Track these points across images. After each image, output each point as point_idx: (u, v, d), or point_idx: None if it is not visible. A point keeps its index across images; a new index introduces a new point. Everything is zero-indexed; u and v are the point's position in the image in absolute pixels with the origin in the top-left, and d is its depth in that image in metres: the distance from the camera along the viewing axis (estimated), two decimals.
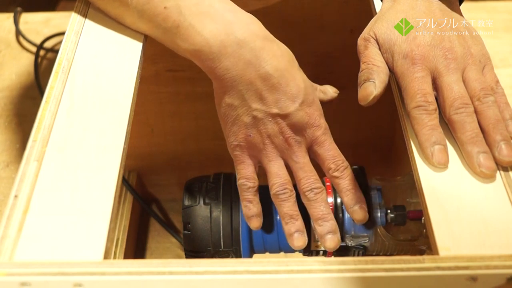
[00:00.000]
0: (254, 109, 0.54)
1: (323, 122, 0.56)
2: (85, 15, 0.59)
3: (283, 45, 0.55)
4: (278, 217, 0.59)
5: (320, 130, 0.55)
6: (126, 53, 0.55)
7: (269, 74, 0.52)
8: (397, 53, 0.53)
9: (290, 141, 0.55)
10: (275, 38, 0.55)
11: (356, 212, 0.56)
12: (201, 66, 0.54)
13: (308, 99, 0.54)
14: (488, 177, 0.47)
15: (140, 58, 0.55)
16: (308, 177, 0.56)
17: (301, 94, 0.54)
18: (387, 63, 0.54)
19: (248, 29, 0.53)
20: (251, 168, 0.57)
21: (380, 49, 0.55)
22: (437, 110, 0.50)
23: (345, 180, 0.56)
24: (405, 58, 0.52)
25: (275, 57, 0.53)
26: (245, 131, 0.55)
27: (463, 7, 0.59)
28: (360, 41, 0.56)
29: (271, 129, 0.54)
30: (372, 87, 0.52)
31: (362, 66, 0.54)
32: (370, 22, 0.57)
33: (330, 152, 0.56)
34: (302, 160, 0.56)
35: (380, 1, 0.60)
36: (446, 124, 0.51)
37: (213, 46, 0.52)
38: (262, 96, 0.53)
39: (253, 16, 0.55)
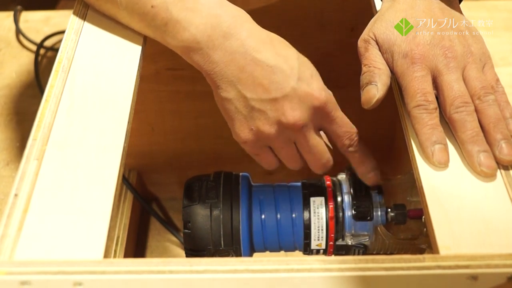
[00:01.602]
0: (250, 99, 0.52)
1: (325, 96, 0.53)
2: (85, 14, 0.59)
3: (272, 33, 0.54)
4: (279, 216, 0.59)
5: (326, 106, 0.53)
6: (126, 52, 0.55)
7: (257, 60, 0.51)
8: (396, 52, 0.53)
9: (295, 125, 0.52)
10: (262, 28, 0.54)
11: (370, 178, 0.58)
12: (191, 62, 0.54)
13: (304, 76, 0.52)
14: (488, 176, 0.47)
15: (140, 57, 0.55)
16: (316, 159, 0.55)
17: (295, 72, 0.52)
18: (387, 63, 0.54)
19: (234, 20, 0.52)
20: (269, 158, 0.56)
21: (380, 50, 0.54)
22: (438, 109, 0.50)
23: (359, 152, 0.57)
24: (404, 57, 0.52)
25: (263, 43, 0.52)
26: (247, 125, 0.54)
27: (463, 5, 0.59)
28: (360, 42, 0.56)
29: (272, 116, 0.52)
30: (374, 90, 0.52)
31: (364, 68, 0.54)
32: (370, 22, 0.57)
33: (343, 129, 0.55)
34: (311, 142, 0.54)
35: (380, 0, 0.60)
36: (447, 123, 0.51)
37: (201, 41, 0.51)
38: (255, 83, 0.51)
39: (240, 9, 0.54)
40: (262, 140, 0.55)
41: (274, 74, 0.51)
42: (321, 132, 0.56)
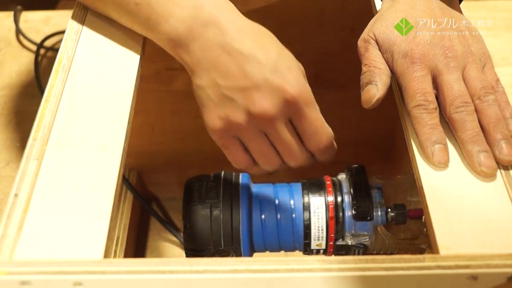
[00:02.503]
0: (221, 86, 0.50)
1: (299, 90, 0.50)
2: (85, 14, 0.59)
3: (256, 23, 0.53)
4: (279, 216, 0.59)
5: (297, 100, 0.49)
6: (126, 52, 0.55)
7: (234, 48, 0.50)
8: (396, 52, 0.53)
9: (263, 116, 0.50)
10: (245, 18, 0.52)
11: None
12: (174, 55, 0.53)
13: (281, 68, 0.50)
14: (488, 176, 0.47)
15: (140, 57, 0.55)
16: (288, 155, 0.51)
17: (270, 63, 0.49)
18: (387, 63, 0.54)
19: (216, 10, 0.51)
20: (239, 153, 0.53)
21: (380, 49, 0.54)
22: (437, 109, 0.50)
23: (327, 160, 0.53)
24: (404, 57, 0.52)
25: (243, 32, 0.51)
26: (217, 113, 0.51)
27: (464, 5, 0.59)
28: (360, 42, 0.56)
29: (241, 105, 0.50)
30: (374, 89, 0.52)
31: (364, 68, 0.54)
32: (370, 22, 0.57)
33: (312, 129, 0.51)
34: (282, 136, 0.51)
35: (380, 0, 0.60)
36: (447, 123, 0.51)
37: (181, 32, 0.51)
38: (228, 71, 0.50)
39: None
40: (231, 130, 0.52)
41: (248, 63, 0.49)
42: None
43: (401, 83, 0.52)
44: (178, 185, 0.95)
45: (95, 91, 0.52)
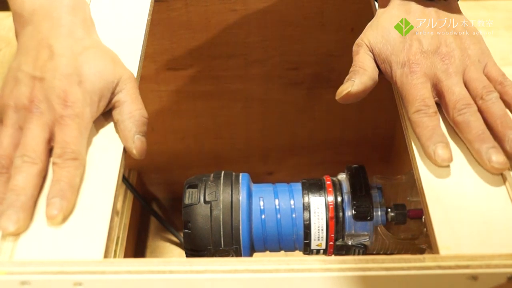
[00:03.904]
0: (19, 70, 0.49)
1: (76, 106, 0.47)
2: None
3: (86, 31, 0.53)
4: (279, 216, 0.59)
5: (68, 110, 0.47)
6: (126, 52, 0.55)
7: (50, 45, 0.50)
8: (394, 63, 0.53)
9: (31, 107, 0.47)
10: (89, 21, 0.54)
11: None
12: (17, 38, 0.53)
13: (72, 76, 0.48)
14: (499, 172, 0.46)
15: (140, 57, 0.55)
16: (27, 149, 0.46)
17: (69, 67, 0.49)
18: (385, 73, 0.54)
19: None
20: (7, 139, 0.48)
21: (376, 59, 0.55)
22: (437, 113, 0.50)
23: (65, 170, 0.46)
24: (403, 67, 0.52)
25: (58, 35, 0.51)
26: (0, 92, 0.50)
27: (463, 5, 0.59)
28: (354, 46, 0.57)
29: (23, 89, 0.48)
30: (349, 84, 0.53)
31: (351, 69, 0.55)
32: (366, 27, 0.57)
33: (63, 137, 0.46)
34: (33, 132, 0.47)
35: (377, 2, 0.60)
36: (453, 128, 0.50)
37: (25, 11, 0.52)
38: (35, 61, 0.49)
39: None
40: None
41: (51, 62, 0.49)
42: None
43: (401, 93, 0.52)
44: (178, 185, 0.95)
45: None
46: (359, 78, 0.53)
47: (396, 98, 0.55)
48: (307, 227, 0.59)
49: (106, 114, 0.51)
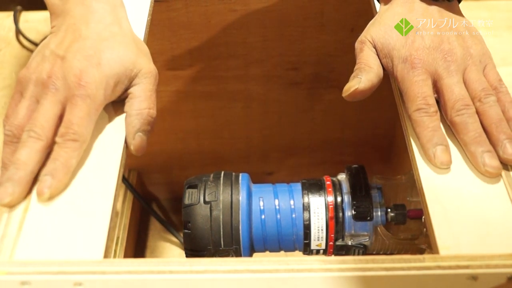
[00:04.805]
0: (47, 48, 0.51)
1: (89, 87, 0.48)
2: None
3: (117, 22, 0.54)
4: (279, 216, 0.59)
5: (81, 90, 0.48)
6: None
7: (79, 28, 0.51)
8: (396, 57, 0.53)
9: (48, 83, 0.48)
10: (119, 8, 0.55)
11: None
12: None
13: (93, 58, 0.50)
14: (493, 176, 0.47)
15: None
16: (34, 124, 0.47)
17: (91, 50, 0.50)
18: (387, 68, 0.54)
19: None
20: (23, 111, 0.49)
21: (378, 54, 0.55)
22: (438, 112, 0.50)
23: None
24: (404, 62, 0.52)
25: (96, 22, 0.52)
26: (27, 66, 0.51)
27: (464, 5, 0.59)
28: (356, 44, 0.56)
29: (46, 65, 0.50)
30: (356, 81, 0.53)
31: (356, 66, 0.55)
32: (368, 25, 0.57)
33: (70, 117, 0.47)
34: (44, 108, 0.48)
35: (378, 2, 0.60)
36: (449, 126, 0.51)
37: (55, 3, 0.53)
38: (62, 42, 0.51)
39: None
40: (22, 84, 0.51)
41: (76, 43, 0.51)
42: None
43: (401, 88, 0.52)
44: (178, 185, 0.95)
45: None
46: (365, 76, 0.53)
47: (396, 97, 0.55)
48: (307, 227, 0.59)
49: (107, 112, 0.51)
